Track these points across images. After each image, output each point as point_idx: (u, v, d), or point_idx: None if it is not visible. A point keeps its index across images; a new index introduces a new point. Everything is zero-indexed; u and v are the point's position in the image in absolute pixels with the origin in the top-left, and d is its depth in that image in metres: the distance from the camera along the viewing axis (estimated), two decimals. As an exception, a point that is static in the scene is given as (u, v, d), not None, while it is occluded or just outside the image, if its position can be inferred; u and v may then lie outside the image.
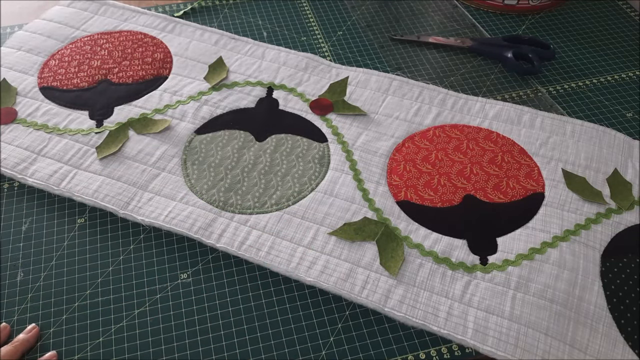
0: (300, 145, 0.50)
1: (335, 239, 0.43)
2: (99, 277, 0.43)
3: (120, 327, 0.40)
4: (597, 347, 0.37)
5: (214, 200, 0.46)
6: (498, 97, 0.56)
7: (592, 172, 0.47)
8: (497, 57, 0.59)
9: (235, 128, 0.51)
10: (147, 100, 0.54)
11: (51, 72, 0.56)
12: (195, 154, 0.49)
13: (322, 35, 0.63)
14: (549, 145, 0.49)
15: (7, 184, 0.49)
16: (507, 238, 0.43)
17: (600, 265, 0.42)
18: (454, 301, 0.40)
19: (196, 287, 0.42)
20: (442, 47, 0.61)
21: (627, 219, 0.44)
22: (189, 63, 0.57)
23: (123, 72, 0.56)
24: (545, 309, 0.39)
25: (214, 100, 0.54)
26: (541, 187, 0.46)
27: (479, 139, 0.50)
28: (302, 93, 0.54)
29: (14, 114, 0.52)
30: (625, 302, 0.40)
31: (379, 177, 0.47)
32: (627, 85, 0.57)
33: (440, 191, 0.46)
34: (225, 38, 0.60)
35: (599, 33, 0.63)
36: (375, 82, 0.55)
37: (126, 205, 0.45)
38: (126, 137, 0.50)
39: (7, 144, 0.50)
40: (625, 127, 0.53)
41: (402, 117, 0.52)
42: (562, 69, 0.59)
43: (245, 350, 0.39)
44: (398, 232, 0.44)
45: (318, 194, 0.46)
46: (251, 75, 0.56)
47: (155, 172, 0.48)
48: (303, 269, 0.42)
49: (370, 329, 0.40)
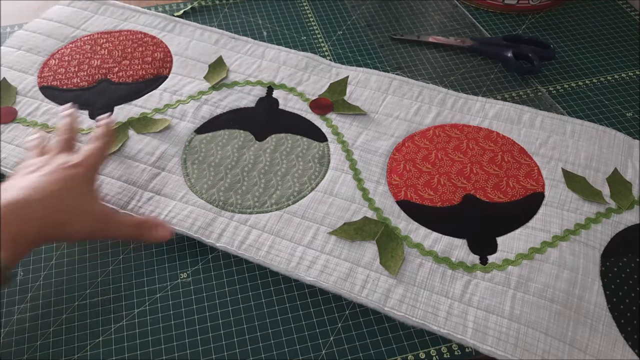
0: (300, 144, 0.50)
1: (335, 239, 0.43)
2: (99, 277, 0.43)
3: (120, 327, 0.40)
4: (596, 346, 0.37)
5: (213, 199, 0.46)
6: (498, 96, 0.56)
7: (592, 172, 0.47)
8: (497, 56, 0.59)
9: (235, 127, 0.51)
10: (147, 100, 0.54)
11: (51, 72, 0.56)
12: (195, 153, 0.49)
13: (322, 35, 0.63)
14: (549, 144, 0.49)
15: (7, 184, 0.49)
16: (507, 238, 0.43)
17: (600, 264, 0.42)
18: (453, 301, 0.40)
19: (196, 286, 0.42)
20: (442, 46, 0.61)
21: (627, 218, 0.44)
22: (189, 62, 0.57)
23: (123, 72, 0.56)
24: (545, 309, 0.39)
25: (214, 100, 0.54)
26: (541, 187, 0.46)
27: (479, 139, 0.50)
28: (302, 93, 0.54)
29: (14, 113, 0.52)
30: (625, 301, 0.40)
31: (379, 177, 0.47)
32: (627, 85, 0.57)
33: (440, 191, 0.46)
34: (225, 37, 0.60)
35: (599, 33, 0.63)
36: (375, 81, 0.55)
37: (126, 205, 0.45)
38: (126, 137, 0.50)
39: (7, 144, 0.50)
40: (625, 126, 0.53)
41: (402, 117, 0.52)
42: (562, 69, 0.59)
43: (245, 349, 0.39)
44: (398, 231, 0.44)
45: (318, 193, 0.46)
46: (251, 75, 0.56)
47: (155, 171, 0.48)
48: (303, 268, 0.42)
49: (370, 329, 0.40)
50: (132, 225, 0.41)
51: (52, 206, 0.37)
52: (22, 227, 0.35)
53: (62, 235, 0.38)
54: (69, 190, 0.39)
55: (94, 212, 0.40)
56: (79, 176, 0.40)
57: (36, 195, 0.37)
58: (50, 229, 0.37)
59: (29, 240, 0.36)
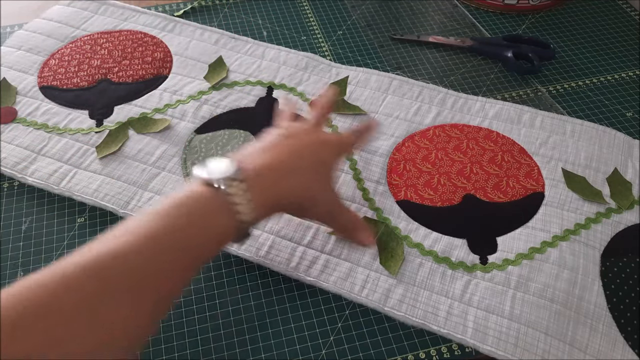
0: (300, 144, 0.50)
1: (335, 239, 0.43)
2: (99, 277, 0.43)
3: (120, 327, 0.40)
4: (596, 346, 0.37)
5: (213, 199, 0.46)
6: (498, 96, 0.56)
7: (592, 172, 0.47)
8: (497, 56, 0.59)
9: (235, 127, 0.51)
10: (147, 100, 0.54)
11: (51, 72, 0.56)
12: (195, 153, 0.49)
13: (322, 35, 0.63)
14: (549, 144, 0.49)
15: (7, 183, 0.49)
16: (507, 237, 0.43)
17: (600, 264, 0.42)
18: (453, 300, 0.40)
19: (196, 286, 0.42)
20: (442, 46, 0.61)
21: (627, 218, 0.44)
22: (189, 62, 0.57)
23: (123, 72, 0.56)
24: (545, 309, 0.39)
25: (214, 100, 0.54)
26: (541, 187, 0.46)
27: (479, 139, 0.50)
28: (302, 92, 0.54)
29: (14, 113, 0.52)
30: (625, 301, 0.40)
31: (379, 177, 0.47)
32: (627, 85, 0.57)
33: (440, 190, 0.46)
34: (225, 37, 0.60)
35: (599, 33, 0.63)
36: (375, 81, 0.55)
37: (126, 205, 0.45)
38: (126, 137, 0.50)
39: (7, 143, 0.50)
40: (625, 126, 0.53)
41: (402, 117, 0.52)
42: (562, 69, 0.59)
43: (245, 349, 0.39)
44: (398, 231, 0.44)
45: (318, 193, 0.46)
46: (251, 75, 0.56)
47: (155, 171, 0.48)
48: (303, 268, 0.42)
49: (370, 329, 0.40)
50: (352, 218, 0.42)
51: (306, 181, 0.37)
52: (274, 191, 0.35)
53: (303, 212, 0.39)
54: (323, 169, 0.39)
55: (333, 195, 0.40)
56: (333, 157, 0.40)
57: (296, 164, 0.37)
58: (296, 203, 0.37)
59: (274, 206, 0.36)
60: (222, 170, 0.33)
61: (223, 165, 0.34)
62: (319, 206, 0.38)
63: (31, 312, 0.24)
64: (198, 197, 0.32)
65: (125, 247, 0.28)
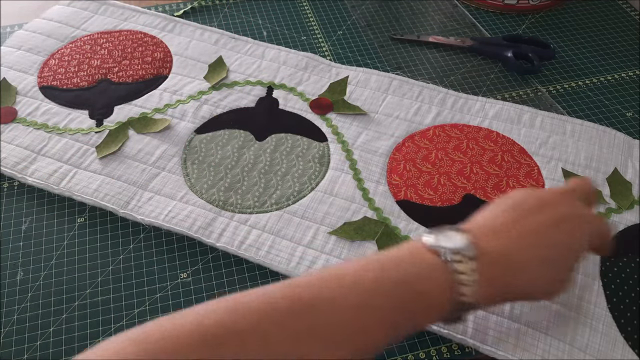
0: (300, 144, 0.50)
1: (335, 239, 0.43)
2: (99, 277, 0.43)
3: (120, 327, 0.40)
4: (596, 346, 0.37)
5: (213, 199, 0.46)
6: (498, 96, 0.56)
7: (592, 172, 0.47)
8: (497, 56, 0.59)
9: (235, 127, 0.51)
10: (147, 100, 0.54)
11: (51, 72, 0.56)
12: (195, 153, 0.49)
13: (322, 35, 0.63)
14: (549, 144, 0.49)
15: (7, 183, 0.49)
16: (507, 237, 0.43)
17: (600, 264, 0.42)
18: (453, 300, 0.40)
19: (196, 286, 0.42)
20: (442, 46, 0.61)
21: (627, 218, 0.44)
22: (189, 62, 0.57)
23: (123, 72, 0.56)
24: (545, 309, 0.39)
25: (214, 100, 0.54)
26: (541, 187, 0.46)
27: (479, 139, 0.50)
28: (302, 92, 0.54)
29: (14, 113, 0.52)
30: (625, 301, 0.40)
31: (379, 177, 0.47)
32: (627, 85, 0.57)
33: (440, 190, 0.46)
34: (225, 37, 0.60)
35: (599, 33, 0.63)
36: (375, 81, 0.55)
37: (126, 205, 0.45)
38: (126, 137, 0.50)
39: (7, 143, 0.50)
40: (625, 126, 0.53)
41: (402, 117, 0.52)
42: (562, 69, 0.59)
43: (245, 349, 0.39)
44: (398, 231, 0.44)
45: (318, 193, 0.46)
46: (251, 75, 0.56)
47: (155, 171, 0.48)
48: (303, 268, 0.42)
49: (370, 329, 0.40)
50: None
51: (548, 276, 0.32)
52: (504, 281, 0.31)
53: (518, 299, 0.35)
54: (572, 257, 0.33)
55: (569, 285, 0.34)
56: (582, 248, 0.33)
57: (538, 253, 0.31)
58: (525, 298, 0.33)
59: (498, 297, 0.32)
60: (453, 241, 0.31)
61: (455, 236, 0.31)
62: (550, 298, 0.34)
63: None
64: (420, 262, 0.30)
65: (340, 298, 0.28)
